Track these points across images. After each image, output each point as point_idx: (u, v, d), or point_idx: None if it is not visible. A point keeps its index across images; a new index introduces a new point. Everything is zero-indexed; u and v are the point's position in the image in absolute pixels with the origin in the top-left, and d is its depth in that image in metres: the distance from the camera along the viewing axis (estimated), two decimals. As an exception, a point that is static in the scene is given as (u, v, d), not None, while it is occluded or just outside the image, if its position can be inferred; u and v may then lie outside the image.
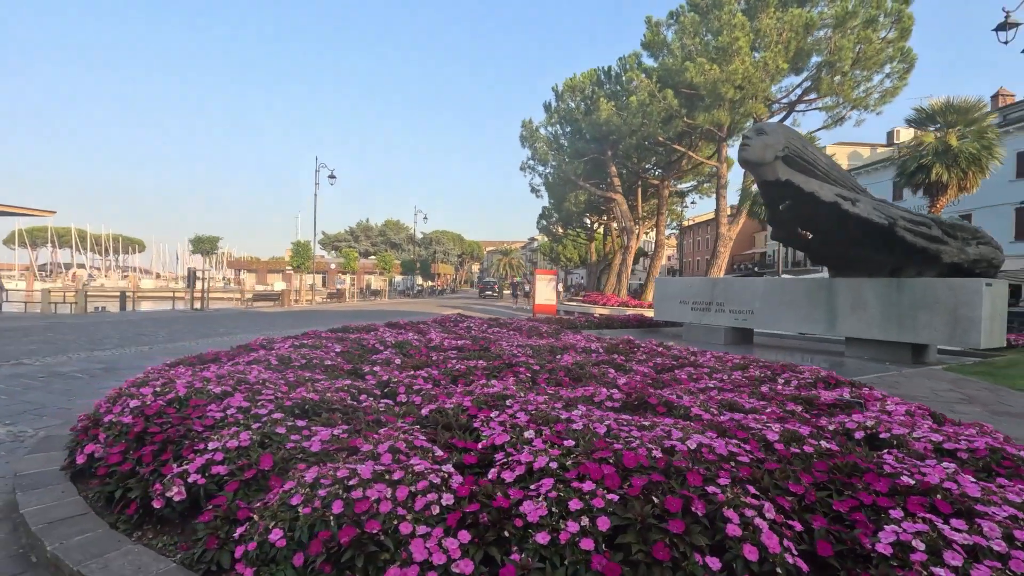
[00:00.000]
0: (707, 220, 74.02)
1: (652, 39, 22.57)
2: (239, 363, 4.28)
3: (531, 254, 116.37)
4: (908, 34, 18.93)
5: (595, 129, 24.51)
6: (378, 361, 4.94)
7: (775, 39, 19.51)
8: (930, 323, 8.73)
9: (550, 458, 2.23)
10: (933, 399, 5.82)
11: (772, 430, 2.64)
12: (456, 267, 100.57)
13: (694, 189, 37.64)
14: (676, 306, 13.05)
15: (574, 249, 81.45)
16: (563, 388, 3.89)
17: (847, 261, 9.85)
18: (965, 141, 14.64)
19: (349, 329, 7.16)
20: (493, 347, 5.79)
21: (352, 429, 2.75)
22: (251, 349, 5.25)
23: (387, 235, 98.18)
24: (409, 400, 3.57)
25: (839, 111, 21.12)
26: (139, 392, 3.13)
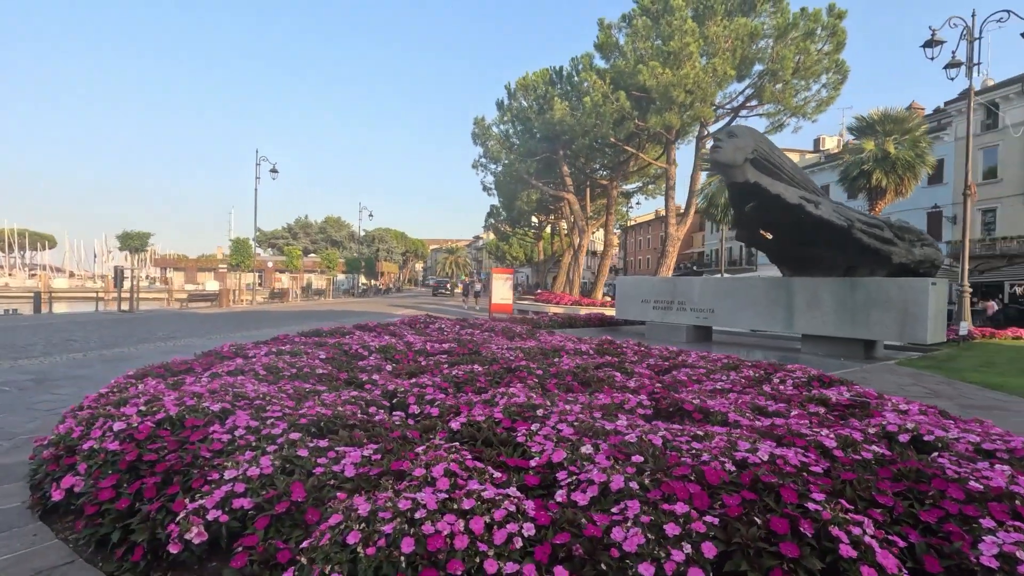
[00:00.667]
0: (648, 220, 76.25)
1: (605, 41, 22.85)
2: (220, 374, 3.86)
3: (476, 252, 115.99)
4: (842, 47, 20.10)
5: (548, 128, 24.58)
6: (367, 368, 4.61)
7: (723, 46, 20.20)
8: (882, 320, 9.22)
9: (626, 476, 2.06)
10: (902, 394, 6.09)
11: (825, 436, 2.58)
12: (400, 266, 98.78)
13: (639, 190, 38.56)
14: (638, 305, 13.22)
15: (520, 248, 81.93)
16: (578, 394, 3.74)
17: (804, 261, 10.27)
18: (901, 149, 15.76)
19: (322, 333, 6.72)
20: (483, 350, 5.57)
21: (383, 448, 2.47)
22: (224, 357, 4.78)
23: (327, 232, 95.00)
24: (423, 411, 3.31)
25: (780, 118, 22.16)
26: (120, 412, 2.71)
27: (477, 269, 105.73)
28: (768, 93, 20.64)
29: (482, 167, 30.06)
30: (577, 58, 25.22)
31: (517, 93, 26.84)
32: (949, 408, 5.43)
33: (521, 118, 26.98)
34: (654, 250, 75.79)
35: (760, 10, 21.25)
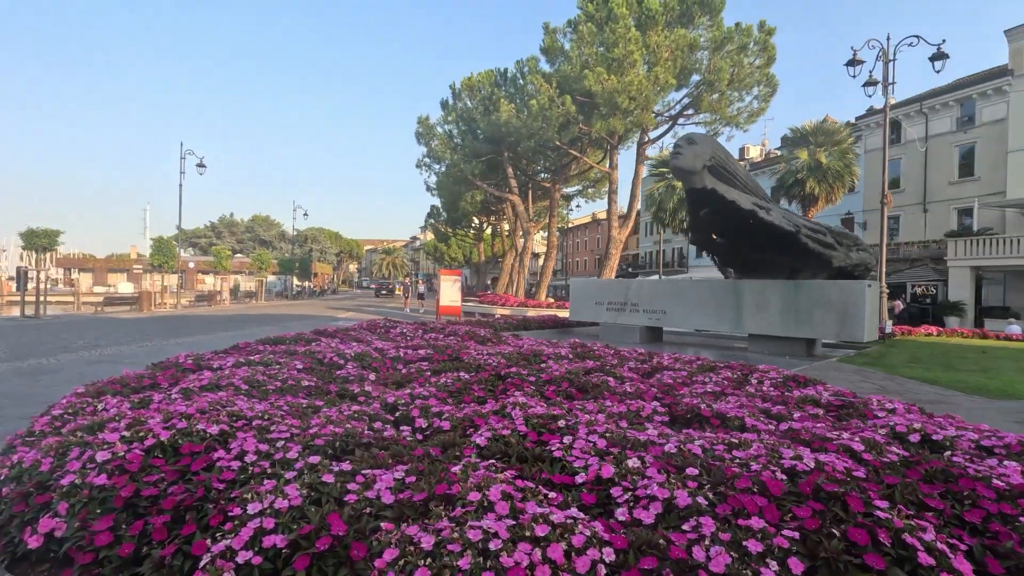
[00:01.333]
0: (585, 223, 77.90)
1: (551, 45, 23.09)
2: (193, 390, 3.48)
3: (413, 253, 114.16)
4: (773, 61, 21.34)
5: (494, 130, 24.53)
6: (350, 378, 4.34)
7: (663, 56, 20.92)
8: (824, 320, 9.80)
9: (690, 492, 2.00)
10: (856, 390, 6.47)
11: (848, 439, 2.64)
12: (334, 267, 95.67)
13: (579, 193, 39.30)
14: (592, 307, 13.40)
15: (459, 249, 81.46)
16: (585, 402, 3.66)
17: (752, 264, 10.76)
18: (831, 160, 16.97)
19: (285, 340, 6.28)
20: (464, 356, 5.39)
21: (413, 470, 2.29)
22: (186, 369, 4.34)
23: (256, 232, 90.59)
24: (431, 425, 3.13)
25: (715, 127, 23.23)
26: (100, 439, 2.35)
27: (415, 270, 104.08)
28: (706, 102, 21.58)
29: (426, 167, 29.60)
30: (523, 61, 25.34)
31: (462, 93, 26.61)
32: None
33: (466, 118, 26.78)
34: (591, 252, 77.56)
35: (697, 23, 22.18)
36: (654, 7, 21.32)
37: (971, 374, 8.02)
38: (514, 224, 37.95)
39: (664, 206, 18.47)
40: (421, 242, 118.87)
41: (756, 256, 10.49)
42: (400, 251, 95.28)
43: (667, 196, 18.60)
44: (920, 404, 5.71)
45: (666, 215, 18.51)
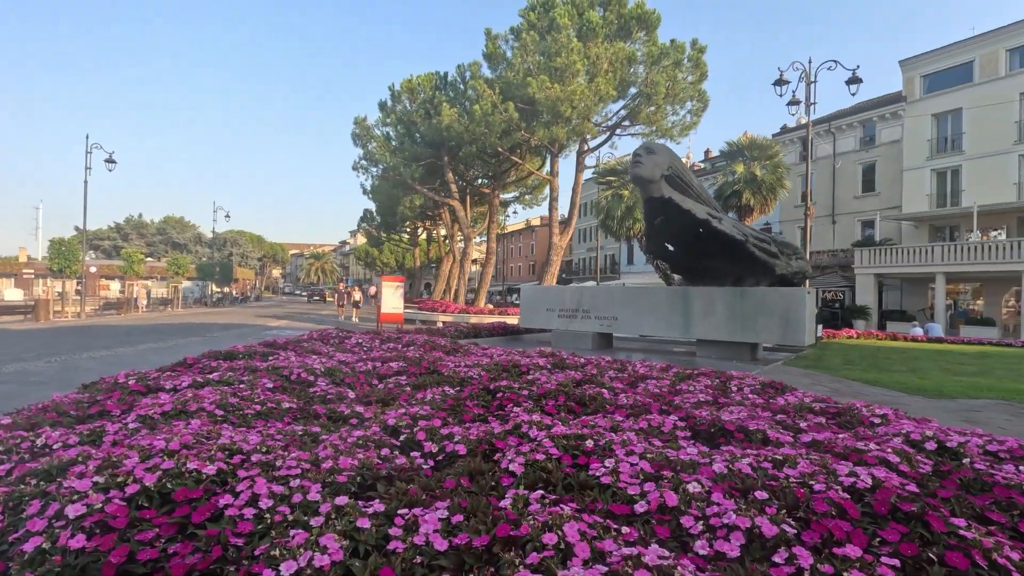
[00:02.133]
0: (519, 229, 78.57)
1: (493, 51, 23.04)
2: (153, 416, 3.00)
3: (343, 258, 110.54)
4: (705, 78, 22.38)
5: (435, 134, 24.12)
6: (329, 397, 3.95)
7: (603, 67, 21.41)
8: (767, 325, 10.23)
9: (771, 518, 1.88)
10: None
11: (883, 451, 2.64)
12: (257, 272, 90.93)
13: (516, 199, 39.51)
14: (543, 314, 13.35)
15: (391, 254, 79.77)
16: (592, 416, 3.50)
17: (700, 271, 11.09)
18: (765, 173, 18.00)
19: (238, 355, 5.69)
20: (442, 368, 5.10)
21: (456, 507, 2.02)
22: (134, 391, 3.76)
23: (168, 234, 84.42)
24: (443, 449, 2.85)
25: (651, 138, 24.02)
26: (68, 488, 1.91)
27: (344, 275, 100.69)
28: (643, 114, 22.28)
29: (363, 169, 28.62)
30: (464, 65, 25.14)
31: (401, 95, 25.98)
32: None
33: (405, 121, 26.16)
34: (525, 258, 78.30)
35: (635, 37, 22.90)
36: (594, 20, 21.79)
37: (903, 374, 8.62)
38: (451, 229, 37.56)
39: (612, 214, 18.86)
40: (351, 247, 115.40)
41: (704, 264, 10.83)
42: (330, 256, 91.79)
43: (614, 204, 19.02)
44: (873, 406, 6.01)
45: (614, 223, 18.90)
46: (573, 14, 21.83)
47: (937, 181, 30.67)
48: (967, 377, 8.54)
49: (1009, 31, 27.90)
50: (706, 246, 9.99)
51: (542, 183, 36.11)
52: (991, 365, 10.04)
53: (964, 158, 29.38)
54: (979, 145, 28.73)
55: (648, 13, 22.42)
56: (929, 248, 27.04)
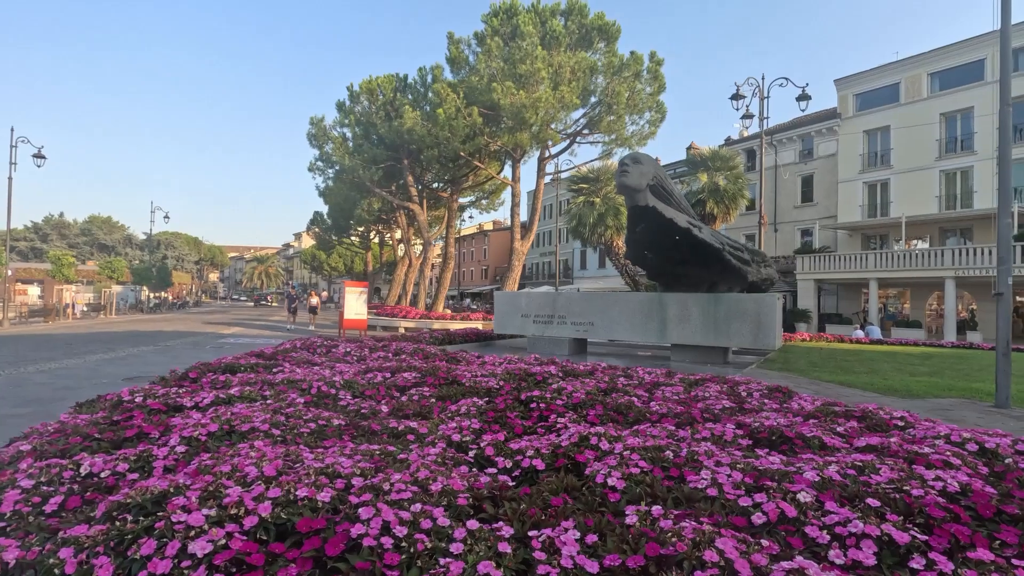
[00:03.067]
0: (472, 234, 78.38)
1: (456, 55, 22.94)
2: (196, 438, 2.78)
3: (287, 261, 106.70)
4: (663, 90, 23.11)
5: (397, 136, 23.73)
6: (363, 412, 3.80)
7: (567, 76, 21.73)
8: (740, 330, 10.65)
9: (896, 525, 1.95)
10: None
11: (943, 455, 2.79)
12: (194, 276, 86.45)
13: (472, 204, 39.41)
14: (518, 320, 13.36)
15: (339, 258, 77.71)
16: (645, 426, 3.53)
17: (675, 278, 11.42)
18: (727, 183, 18.77)
19: (240, 367, 5.35)
20: (461, 378, 5.01)
21: (581, 524, 1.99)
22: (153, 411, 3.47)
23: (93, 235, 78.77)
24: (518, 464, 2.79)
25: (610, 147, 24.57)
26: (179, 521, 1.73)
27: (288, 279, 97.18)
28: (604, 123, 22.75)
29: (318, 171, 27.73)
30: (425, 68, 24.89)
31: (360, 96, 25.41)
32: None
33: (364, 123, 25.58)
34: (478, 263, 78.14)
35: (596, 47, 23.38)
36: (557, 28, 22.11)
37: (867, 376, 9.18)
38: (407, 233, 37.00)
39: (584, 221, 19.11)
40: (296, 250, 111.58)
41: (679, 271, 11.16)
42: (274, 259, 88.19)
43: (586, 211, 19.30)
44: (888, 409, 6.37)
45: (586, 229, 19.16)
46: (536, 22, 22.06)
47: (868, 193, 32.91)
48: (924, 377, 9.18)
49: (930, 57, 30.37)
50: (683, 254, 10.30)
51: (499, 188, 36.20)
52: (938, 365, 10.85)
53: (892, 172, 31.67)
54: (905, 160, 31.06)
55: (608, 24, 22.97)
56: (863, 256, 28.96)
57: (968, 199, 29.00)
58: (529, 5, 23.29)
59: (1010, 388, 6.60)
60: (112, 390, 7.51)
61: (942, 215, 29.39)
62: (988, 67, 28.52)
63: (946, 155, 29.87)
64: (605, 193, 20.00)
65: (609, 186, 20.28)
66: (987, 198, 28.09)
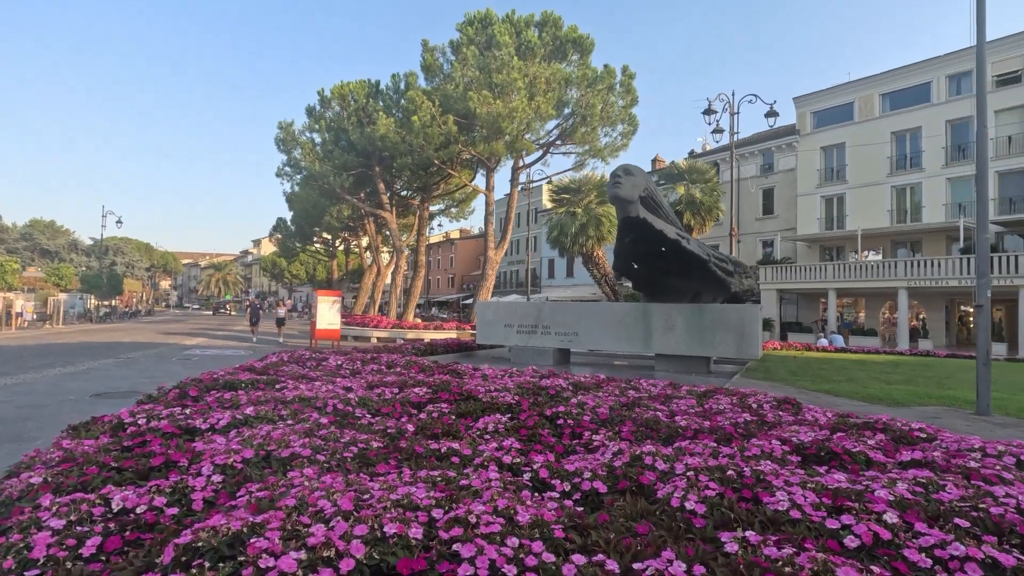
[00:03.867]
0: (439, 242, 77.82)
1: (431, 62, 22.80)
2: (231, 465, 2.57)
3: (245, 269, 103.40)
4: (635, 103, 23.54)
5: (369, 143, 23.34)
6: (390, 432, 3.61)
7: (542, 87, 21.88)
8: (725, 340, 10.83)
9: (995, 546, 1.95)
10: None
11: (992, 468, 2.84)
12: (144, 283, 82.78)
13: (441, 212, 39.14)
14: (501, 329, 13.24)
15: (301, 266, 75.88)
16: (690, 442, 3.48)
17: (660, 288, 11.54)
18: (703, 196, 19.19)
19: (236, 384, 5.04)
20: (476, 393, 4.86)
21: (683, 555, 1.91)
22: (167, 434, 3.19)
23: (35, 239, 74.49)
24: (577, 487, 2.68)
25: (583, 158, 24.82)
26: (276, 571, 1.56)
27: (247, 287, 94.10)
28: (579, 134, 22.98)
29: (287, 176, 26.97)
30: (399, 75, 24.64)
31: (332, 101, 24.90)
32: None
33: (336, 128, 25.06)
34: (445, 271, 77.59)
35: (570, 60, 23.65)
36: (533, 40, 22.26)
37: (847, 384, 9.46)
38: (375, 241, 36.40)
39: (566, 231, 19.14)
40: (254, 257, 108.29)
41: (664, 281, 11.29)
42: (232, 266, 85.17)
43: (568, 221, 19.35)
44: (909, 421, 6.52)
45: (567, 239, 19.20)
46: (512, 32, 22.16)
47: (825, 207, 34.31)
48: (901, 385, 9.53)
49: (882, 78, 32.02)
50: (669, 264, 10.42)
51: (469, 196, 36.08)
52: (909, 373, 11.30)
53: (847, 187, 33.13)
54: (859, 176, 32.55)
55: (583, 37, 23.28)
56: (822, 266, 30.13)
57: (917, 214, 30.59)
58: (503, 16, 23.40)
59: (990, 396, 6.89)
60: (82, 408, 7.04)
61: (893, 228, 30.88)
62: (934, 90, 30.28)
63: (897, 172, 31.46)
64: (586, 203, 20.13)
65: (590, 196, 20.43)
66: (934, 213, 29.73)
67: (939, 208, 29.53)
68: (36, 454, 3.11)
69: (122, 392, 8.52)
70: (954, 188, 29.34)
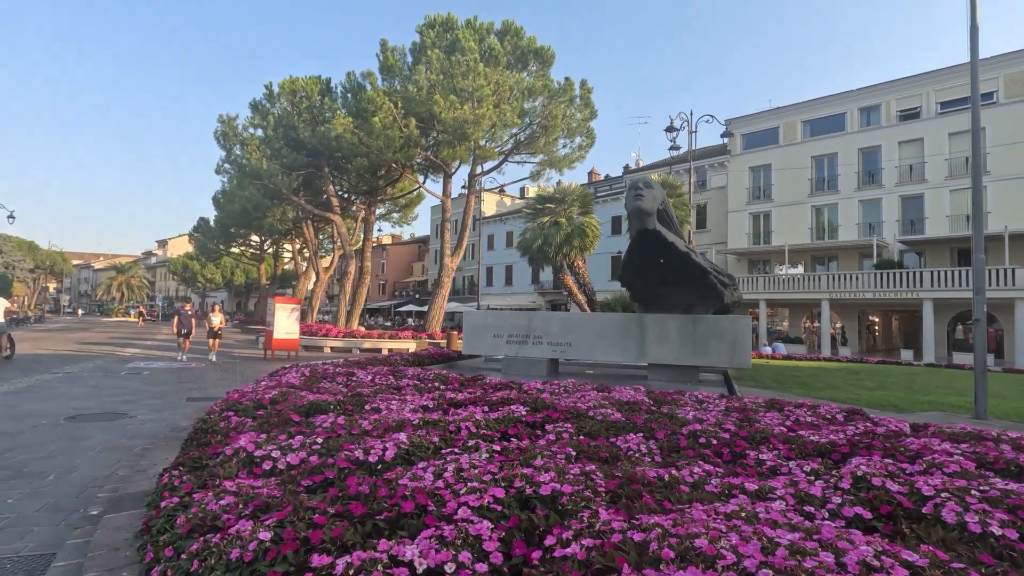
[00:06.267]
0: (375, 246, 75.30)
1: (393, 63, 22.12)
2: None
3: (148, 271, 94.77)
4: (594, 116, 24.10)
5: (323, 143, 22.20)
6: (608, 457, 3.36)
7: (506, 95, 21.86)
8: (718, 349, 11.20)
9: None
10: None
11: None
12: (29, 286, 73.88)
13: (382, 216, 37.99)
14: (490, 340, 12.95)
15: (217, 269, 71.03)
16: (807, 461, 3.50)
17: (656, 299, 11.78)
18: (676, 209, 19.94)
19: (323, 407, 4.46)
20: (585, 411, 4.66)
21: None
22: (344, 469, 2.72)
23: None
24: (841, 512, 2.60)
25: (541, 167, 25.02)
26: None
27: (151, 292, 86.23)
28: (541, 143, 23.15)
29: (226, 173, 24.98)
30: (355, 74, 23.64)
31: (280, 97, 23.44)
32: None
33: (285, 125, 23.60)
34: (376, 276, 75.21)
35: (531, 70, 23.82)
36: (496, 47, 22.20)
37: (831, 391, 10.09)
38: (313, 246, 34.65)
39: (550, 241, 19.01)
40: (159, 259, 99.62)
41: (661, 291, 11.53)
42: (136, 269, 77.56)
43: (552, 231, 19.26)
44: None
45: (551, 249, 19.08)
46: (475, 38, 21.98)
47: (754, 223, 36.80)
48: (877, 391, 10.29)
49: (804, 107, 34.92)
50: (674, 276, 10.66)
51: (414, 201, 35.32)
52: (878, 380, 12.25)
53: (773, 205, 35.73)
54: (784, 195, 35.22)
55: (544, 48, 23.54)
56: (754, 278, 32.23)
57: (834, 232, 33.52)
58: (465, 21, 23.17)
59: (987, 402, 7.58)
60: (69, 434, 6.02)
61: (814, 244, 33.64)
62: (848, 120, 33.42)
63: (816, 192, 34.34)
64: (569, 214, 20.27)
65: (574, 207, 20.60)
66: (849, 231, 32.69)
67: (852, 227, 32.54)
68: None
69: (100, 414, 7.42)
70: (865, 209, 32.45)
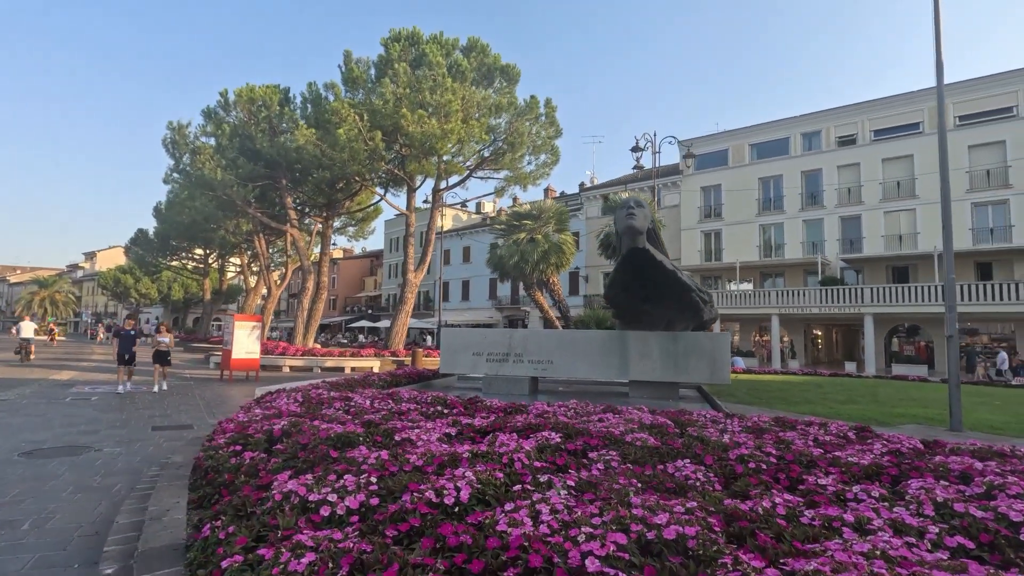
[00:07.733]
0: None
1: (358, 75, 21.69)
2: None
3: (73, 285, 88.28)
4: (559, 135, 24.38)
5: (283, 154, 21.41)
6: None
7: (473, 111, 21.83)
8: (698, 366, 11.37)
9: None
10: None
11: None
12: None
13: (338, 230, 37.01)
14: (469, 358, 12.67)
15: (152, 284, 67.41)
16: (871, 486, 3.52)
17: (637, 316, 11.87)
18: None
19: (352, 440, 4.10)
20: (618, 435, 4.53)
21: None
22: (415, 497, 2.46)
23: None
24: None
25: (506, 183, 25.06)
26: None
27: (78, 308, 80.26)
28: (507, 159, 23.20)
29: (175, 183, 23.60)
30: (316, 85, 23.01)
31: (237, 105, 22.46)
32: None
33: (241, 135, 22.60)
34: (326, 290, 72.97)
35: (497, 87, 23.92)
36: (462, 63, 22.19)
37: (807, 405, 10.44)
38: (264, 260, 33.26)
39: (527, 258, 18.85)
40: (86, 272, 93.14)
41: (642, 308, 11.64)
42: (63, 283, 71.80)
43: (529, 248, 19.12)
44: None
45: (528, 266, 18.91)
46: (442, 53, 21.90)
47: (705, 240, 38.15)
48: (849, 405, 10.71)
49: (751, 131, 36.70)
50: (659, 292, 10.78)
51: (370, 215, 34.64)
52: (846, 393, 12.75)
53: (724, 224, 37.18)
54: (733, 214, 36.72)
55: (510, 67, 23.72)
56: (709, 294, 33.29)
57: (780, 250, 35.17)
58: (430, 36, 23.07)
59: (962, 415, 7.99)
60: (32, 471, 5.36)
61: (762, 261, 35.17)
62: (791, 144, 35.33)
63: (763, 212, 36.00)
64: (546, 231, 20.25)
65: (550, 225, 20.60)
66: (793, 249, 34.35)
67: (797, 245, 34.25)
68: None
69: (60, 448, 6.68)
70: (808, 229, 34.26)
